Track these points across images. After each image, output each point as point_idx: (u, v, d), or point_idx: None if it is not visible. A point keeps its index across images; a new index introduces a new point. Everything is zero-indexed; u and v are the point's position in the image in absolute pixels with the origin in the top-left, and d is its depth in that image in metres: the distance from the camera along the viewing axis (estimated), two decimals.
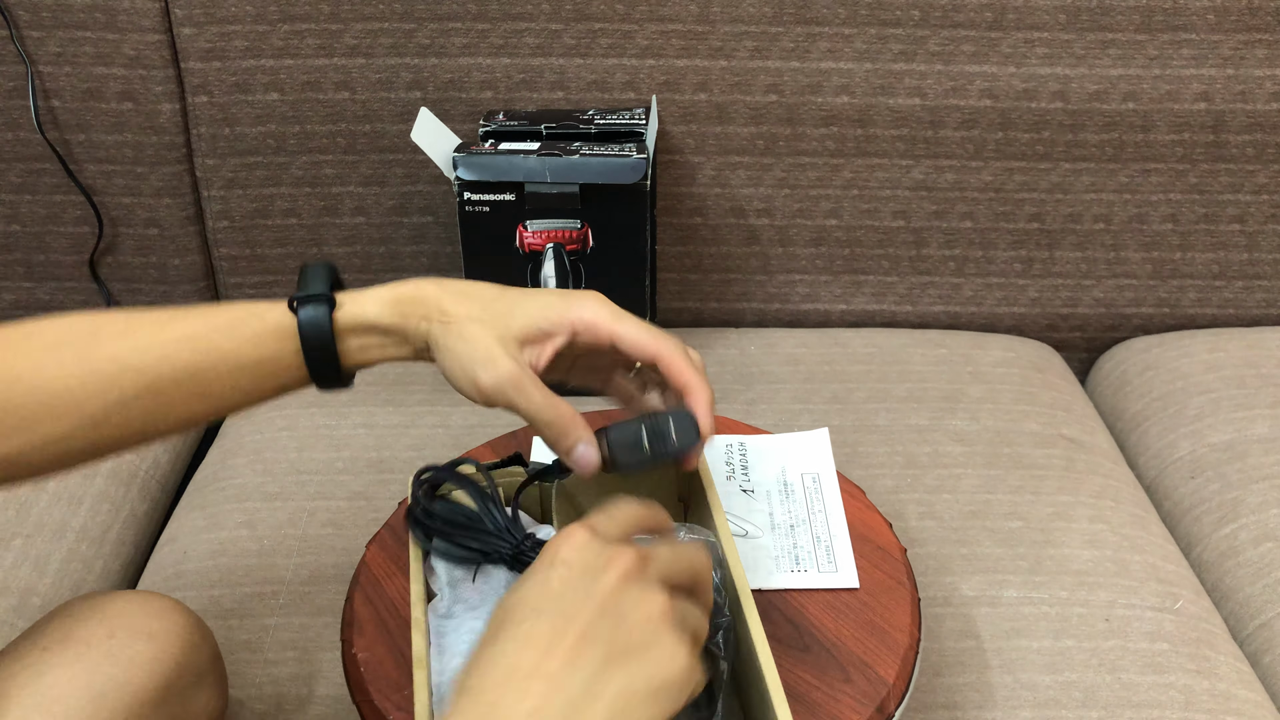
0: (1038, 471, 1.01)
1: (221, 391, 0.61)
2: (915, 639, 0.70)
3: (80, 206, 1.15)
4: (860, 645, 0.69)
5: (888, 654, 0.68)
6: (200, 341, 0.60)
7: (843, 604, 0.72)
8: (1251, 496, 0.99)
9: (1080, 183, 1.16)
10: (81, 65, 1.08)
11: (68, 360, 0.59)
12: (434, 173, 1.15)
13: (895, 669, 0.67)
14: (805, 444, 0.85)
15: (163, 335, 0.60)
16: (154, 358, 0.60)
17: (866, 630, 0.70)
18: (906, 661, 0.68)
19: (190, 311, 0.61)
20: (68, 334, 0.60)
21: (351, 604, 0.71)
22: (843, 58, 1.10)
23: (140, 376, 0.59)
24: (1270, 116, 1.12)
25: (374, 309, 0.63)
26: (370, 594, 0.72)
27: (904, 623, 0.70)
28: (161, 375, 0.60)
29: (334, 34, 1.08)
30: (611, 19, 1.08)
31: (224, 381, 0.61)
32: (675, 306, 1.23)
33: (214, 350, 0.61)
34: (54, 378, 0.58)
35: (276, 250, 1.19)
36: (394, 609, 0.71)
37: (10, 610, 0.89)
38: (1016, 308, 1.23)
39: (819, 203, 1.17)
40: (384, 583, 0.73)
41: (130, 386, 0.59)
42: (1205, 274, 1.21)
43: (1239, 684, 0.84)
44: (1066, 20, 1.08)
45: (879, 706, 0.65)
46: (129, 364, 0.59)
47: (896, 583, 0.73)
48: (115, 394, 0.59)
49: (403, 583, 0.72)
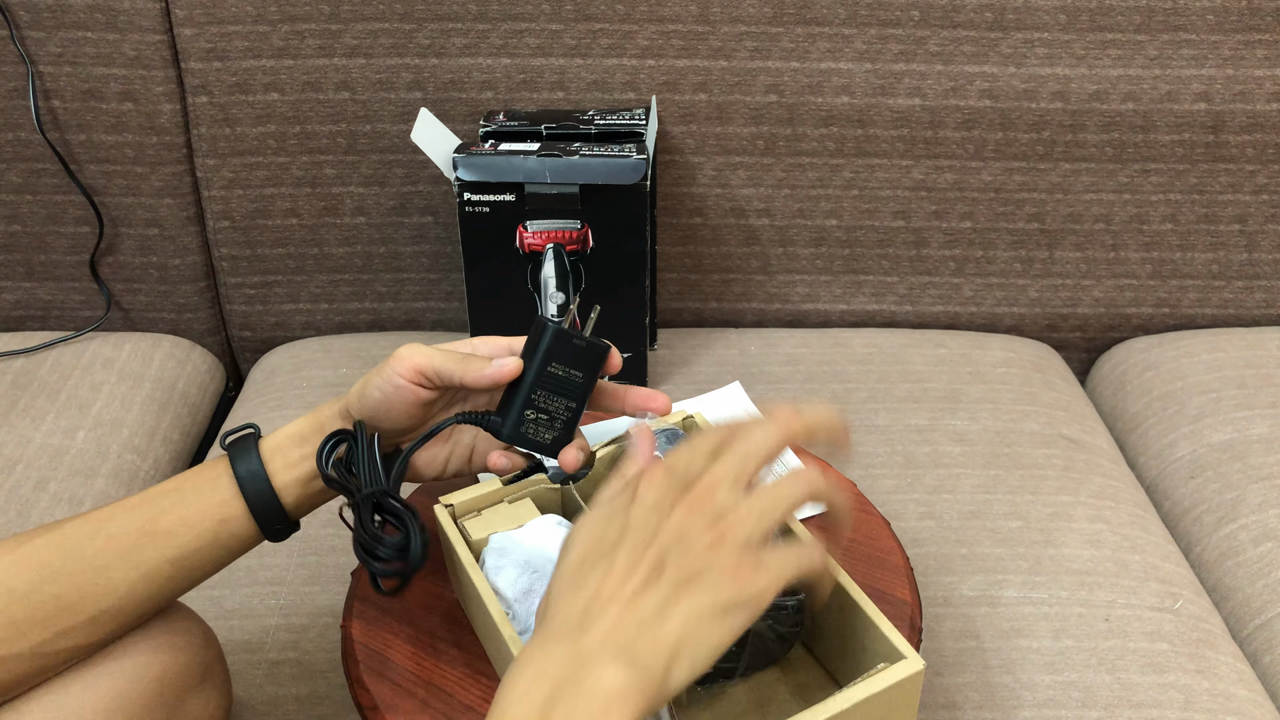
0: (1038, 471, 1.01)
1: (157, 562, 0.63)
2: (904, 555, 0.75)
3: (80, 206, 1.15)
4: (869, 576, 0.72)
5: (892, 577, 0.72)
6: (140, 516, 0.63)
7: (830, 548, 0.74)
8: (1251, 496, 0.99)
9: (1080, 183, 1.16)
10: (82, 65, 1.08)
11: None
12: (434, 173, 1.15)
13: (906, 587, 0.71)
14: (724, 400, 0.86)
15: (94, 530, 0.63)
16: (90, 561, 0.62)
17: (866, 563, 0.74)
18: (910, 578, 0.72)
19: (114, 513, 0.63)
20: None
21: (363, 686, 0.67)
22: (843, 58, 1.10)
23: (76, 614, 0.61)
24: (1270, 116, 1.12)
25: (294, 425, 0.66)
26: (379, 668, 0.68)
27: (890, 545, 0.75)
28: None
29: (334, 34, 1.08)
30: (611, 19, 1.08)
31: (163, 548, 0.63)
32: (675, 306, 1.23)
33: (157, 513, 0.63)
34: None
35: (276, 250, 1.19)
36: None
37: None
38: (1016, 308, 1.23)
39: (819, 203, 1.17)
40: (386, 653, 0.69)
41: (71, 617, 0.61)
42: (1205, 274, 1.21)
43: (1239, 684, 0.84)
44: (1066, 20, 1.08)
45: (909, 623, 0.69)
46: (69, 604, 0.61)
47: (866, 514, 0.77)
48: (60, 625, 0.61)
49: (403, 647, 0.69)
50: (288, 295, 1.22)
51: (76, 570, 0.60)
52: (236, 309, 1.23)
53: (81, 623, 0.61)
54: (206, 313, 1.23)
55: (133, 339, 1.20)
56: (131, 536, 0.62)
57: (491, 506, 0.70)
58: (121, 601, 0.62)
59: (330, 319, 1.23)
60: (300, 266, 1.20)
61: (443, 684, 0.66)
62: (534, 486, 0.72)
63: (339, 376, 1.14)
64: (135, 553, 0.62)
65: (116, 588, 0.61)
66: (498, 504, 0.71)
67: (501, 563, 0.65)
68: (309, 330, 1.24)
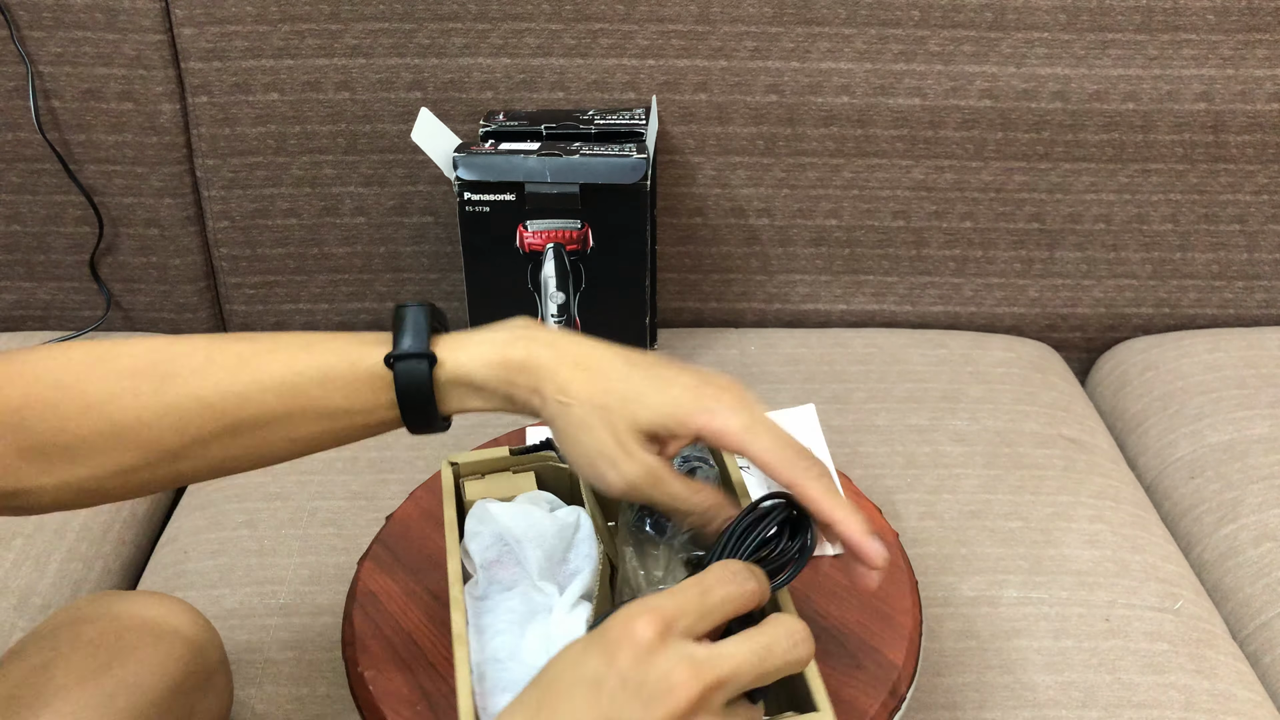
0: (1038, 471, 1.01)
1: (309, 436, 0.59)
2: (917, 620, 0.71)
3: (80, 206, 1.15)
4: (866, 630, 0.70)
5: (894, 637, 0.69)
6: (287, 388, 0.57)
7: (845, 591, 0.73)
8: (1251, 496, 0.99)
9: (1080, 183, 1.16)
10: (82, 65, 1.08)
11: (143, 392, 0.56)
12: (434, 173, 1.15)
13: (903, 651, 0.68)
14: (793, 420, 0.85)
15: (246, 376, 0.57)
16: (236, 400, 0.57)
17: (870, 615, 0.71)
18: (913, 642, 0.69)
19: (275, 347, 0.58)
20: (143, 362, 0.57)
21: (351, 623, 0.71)
22: (843, 58, 1.10)
23: (222, 418, 0.57)
24: (1270, 116, 1.12)
25: (479, 371, 0.57)
26: (370, 611, 0.71)
27: (906, 605, 0.71)
28: (244, 419, 0.57)
29: (334, 34, 1.08)
30: (611, 19, 1.08)
31: (312, 427, 0.58)
32: (675, 306, 1.23)
33: (302, 397, 0.57)
34: (127, 408, 0.56)
35: (276, 250, 1.19)
36: (397, 625, 0.70)
37: (11, 610, 0.89)
38: (1016, 308, 1.23)
39: (819, 203, 1.17)
40: (382, 599, 0.72)
41: (211, 426, 0.57)
42: (1205, 274, 1.21)
43: (1239, 684, 0.84)
44: (1066, 20, 1.08)
45: (891, 689, 0.66)
46: (209, 403, 0.57)
47: (894, 566, 0.74)
48: (193, 431, 0.57)
49: (402, 599, 0.72)
50: (288, 295, 1.22)
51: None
52: (236, 309, 1.23)
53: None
54: (206, 313, 1.23)
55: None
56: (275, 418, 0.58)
57: (496, 473, 0.71)
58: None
59: (330, 319, 1.23)
60: (300, 266, 1.20)
61: (445, 678, 0.67)
62: (541, 462, 0.72)
63: None
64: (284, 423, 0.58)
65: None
66: (503, 471, 0.71)
67: (480, 529, 0.66)
68: (309, 330, 1.24)
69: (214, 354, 0.58)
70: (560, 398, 0.56)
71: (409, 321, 0.59)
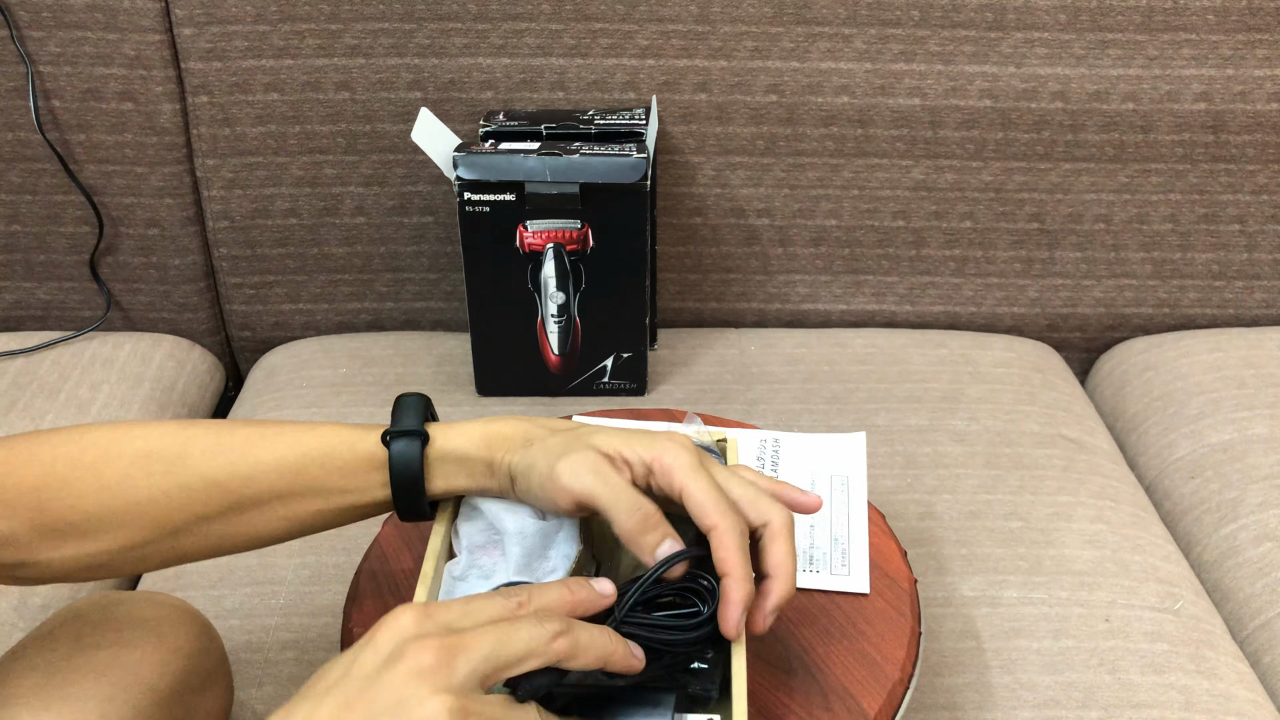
0: (1038, 472, 1.01)
1: (306, 515, 0.62)
2: (907, 674, 0.67)
3: (80, 206, 1.15)
4: (847, 674, 0.66)
5: (874, 685, 0.66)
6: (290, 467, 0.61)
7: (837, 629, 0.70)
8: (1251, 496, 0.99)
9: (1080, 183, 1.16)
10: (81, 65, 1.08)
11: (156, 472, 0.60)
12: (434, 173, 1.15)
13: (879, 702, 0.64)
14: (839, 446, 0.84)
15: (253, 456, 0.61)
16: (241, 480, 0.60)
17: (856, 659, 0.67)
18: (894, 696, 0.65)
19: (281, 431, 0.62)
20: (157, 445, 0.60)
21: (358, 578, 0.72)
22: (843, 58, 1.10)
23: (227, 495, 0.60)
24: (1270, 116, 1.12)
25: (464, 443, 0.62)
26: (376, 569, 0.73)
27: (897, 656, 0.67)
28: (247, 496, 0.61)
29: (334, 34, 1.08)
30: (611, 19, 1.08)
31: (309, 506, 0.62)
32: (675, 306, 1.23)
33: (303, 476, 0.61)
34: (139, 487, 0.59)
35: (276, 250, 1.19)
36: (396, 586, 0.72)
37: (11, 610, 0.89)
38: (1016, 308, 1.23)
39: (819, 203, 1.17)
40: (391, 559, 0.74)
41: (216, 504, 0.60)
42: (1205, 274, 1.21)
43: (1239, 684, 0.84)
44: (1066, 20, 1.08)
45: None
46: (216, 481, 0.60)
47: (898, 613, 0.71)
48: (198, 509, 0.60)
49: (409, 562, 0.73)
50: (288, 295, 1.22)
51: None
52: (236, 309, 1.23)
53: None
54: (206, 313, 1.23)
55: (132, 339, 1.20)
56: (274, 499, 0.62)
57: None
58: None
59: (330, 319, 1.23)
60: (300, 266, 1.20)
61: None
62: None
63: (339, 376, 1.14)
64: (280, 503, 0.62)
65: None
66: None
67: (473, 514, 0.66)
68: (309, 330, 1.24)
69: (224, 437, 0.61)
70: (526, 444, 0.61)
71: (405, 408, 0.63)
